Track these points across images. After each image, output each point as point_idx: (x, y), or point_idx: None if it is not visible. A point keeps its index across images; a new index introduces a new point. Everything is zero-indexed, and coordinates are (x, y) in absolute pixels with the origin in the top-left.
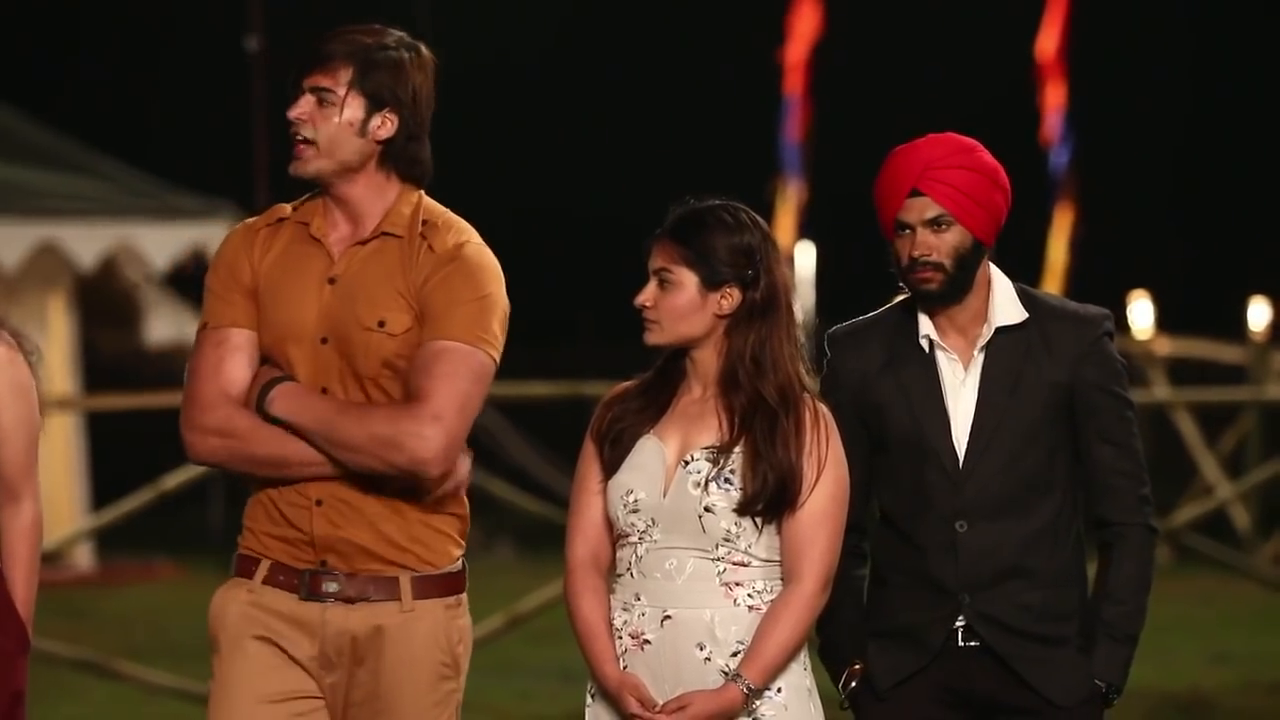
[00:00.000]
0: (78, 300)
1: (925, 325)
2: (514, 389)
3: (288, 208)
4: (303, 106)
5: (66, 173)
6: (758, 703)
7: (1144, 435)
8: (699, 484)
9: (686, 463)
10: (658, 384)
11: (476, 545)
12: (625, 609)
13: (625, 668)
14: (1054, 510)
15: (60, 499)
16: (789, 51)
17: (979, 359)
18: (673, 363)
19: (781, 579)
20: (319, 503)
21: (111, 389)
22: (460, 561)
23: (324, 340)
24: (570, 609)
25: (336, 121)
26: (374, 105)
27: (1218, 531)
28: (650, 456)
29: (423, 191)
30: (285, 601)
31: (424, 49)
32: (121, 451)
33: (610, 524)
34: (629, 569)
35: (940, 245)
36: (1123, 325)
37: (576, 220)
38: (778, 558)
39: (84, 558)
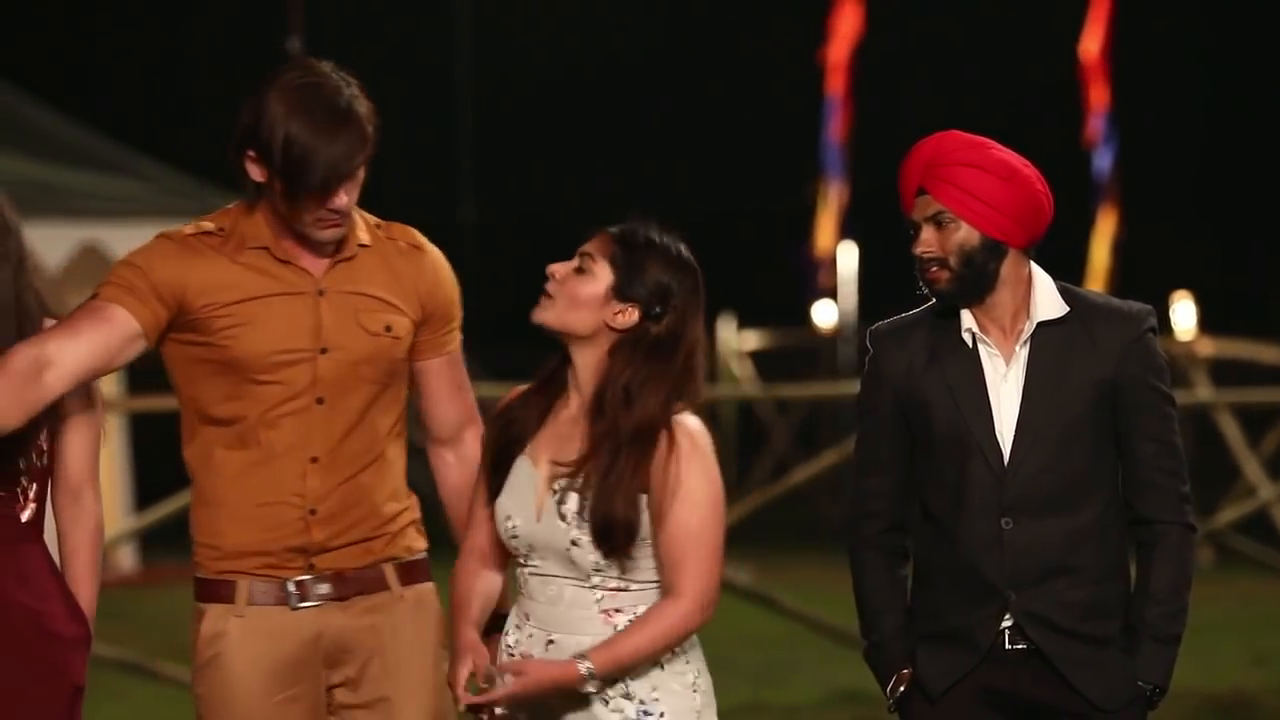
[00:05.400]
0: None
1: (968, 319)
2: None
3: (210, 224)
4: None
5: (108, 174)
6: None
7: (1186, 436)
8: (565, 516)
9: (555, 491)
10: (545, 388)
11: None
12: (518, 628)
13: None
14: (1100, 507)
15: (103, 500)
16: (830, 52)
17: (1021, 354)
18: (563, 367)
19: None
20: (313, 512)
21: (154, 391)
22: (425, 552)
23: (324, 350)
24: (450, 589)
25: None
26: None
27: (1260, 532)
28: (524, 480)
29: None
30: (277, 617)
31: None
32: (164, 453)
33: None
34: (521, 588)
35: (944, 243)
36: (1165, 326)
37: (616, 222)
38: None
39: (127, 559)
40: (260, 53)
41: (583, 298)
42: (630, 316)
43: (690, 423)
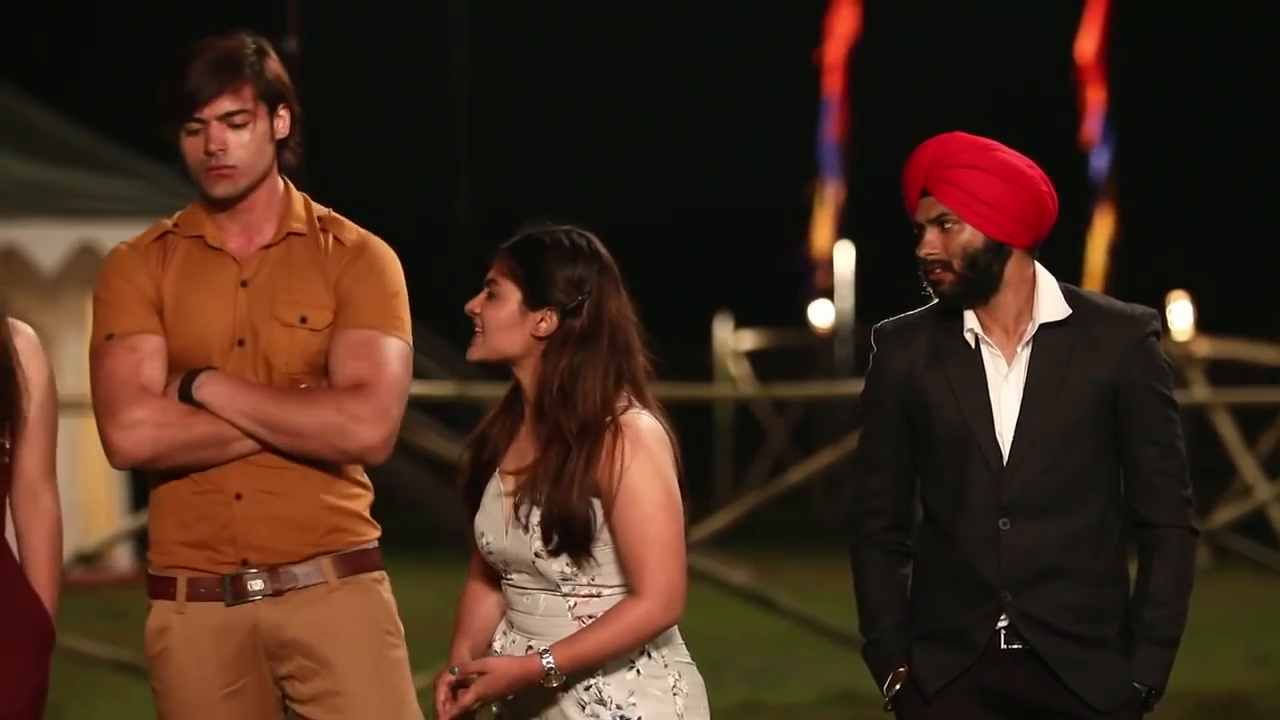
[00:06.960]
0: None
1: (970, 320)
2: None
3: (168, 222)
4: (218, 139)
5: (105, 174)
6: None
7: (1183, 436)
8: (526, 526)
9: (516, 503)
10: (510, 408)
11: None
12: (503, 634)
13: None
14: (1099, 510)
15: (99, 501)
16: (827, 52)
17: (1023, 355)
18: (519, 388)
19: None
20: (239, 496)
21: None
22: (375, 540)
23: (240, 342)
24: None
25: (250, 138)
26: (271, 108)
27: (1256, 532)
28: (493, 497)
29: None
30: (214, 613)
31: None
32: None
33: None
34: (506, 598)
35: (948, 244)
36: (1162, 327)
37: (614, 222)
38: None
39: (123, 559)
40: None
41: (501, 321)
42: (551, 321)
43: (639, 421)
